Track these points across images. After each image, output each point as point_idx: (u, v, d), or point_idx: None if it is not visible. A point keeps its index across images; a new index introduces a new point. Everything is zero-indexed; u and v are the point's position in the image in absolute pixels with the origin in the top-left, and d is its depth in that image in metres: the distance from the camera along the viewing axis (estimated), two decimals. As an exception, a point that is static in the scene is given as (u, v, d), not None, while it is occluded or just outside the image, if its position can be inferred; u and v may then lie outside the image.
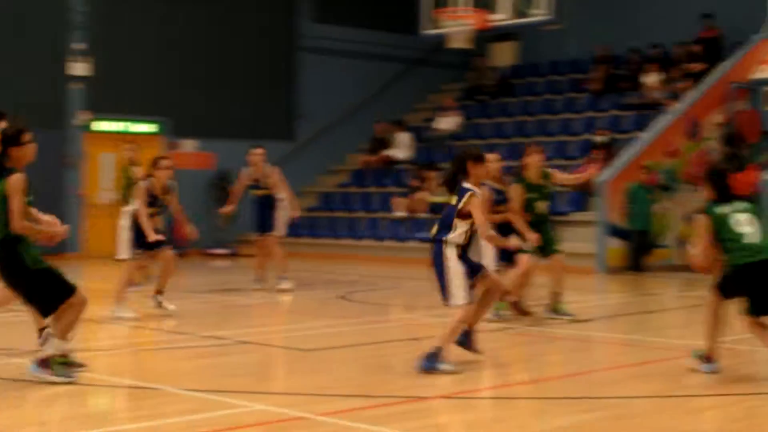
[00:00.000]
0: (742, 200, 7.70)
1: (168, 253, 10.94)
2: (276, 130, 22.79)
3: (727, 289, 7.43)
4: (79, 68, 20.27)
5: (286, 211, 13.70)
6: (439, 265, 7.75)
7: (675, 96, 20.01)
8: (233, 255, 21.44)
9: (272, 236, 13.52)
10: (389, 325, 10.95)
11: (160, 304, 11.10)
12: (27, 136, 7.21)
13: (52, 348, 7.09)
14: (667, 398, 6.95)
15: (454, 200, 7.78)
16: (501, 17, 16.50)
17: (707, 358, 7.50)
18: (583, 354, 9.12)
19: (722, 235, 7.43)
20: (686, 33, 21.41)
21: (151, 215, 10.88)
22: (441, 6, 16.57)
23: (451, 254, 7.69)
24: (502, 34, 23.75)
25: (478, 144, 22.44)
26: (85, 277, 15.00)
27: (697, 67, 20.27)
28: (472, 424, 6.26)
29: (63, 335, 7.12)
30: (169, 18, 21.50)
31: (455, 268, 7.67)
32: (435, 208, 19.81)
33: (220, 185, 21.80)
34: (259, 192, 13.68)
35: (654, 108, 20.28)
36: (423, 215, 19.98)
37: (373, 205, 21.71)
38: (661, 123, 18.57)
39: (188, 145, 21.95)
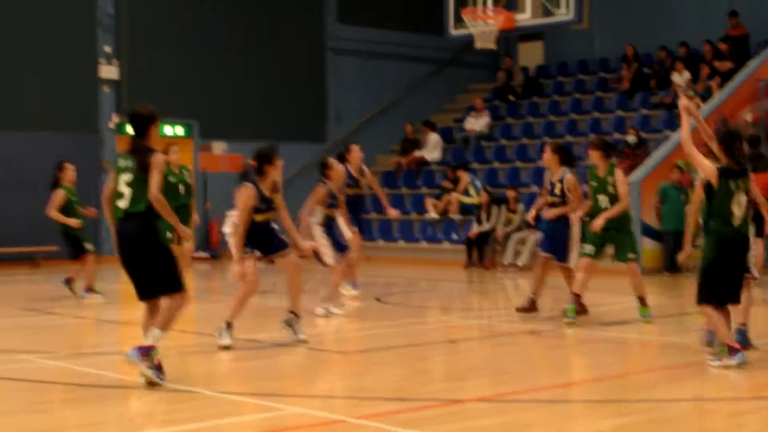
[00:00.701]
0: None
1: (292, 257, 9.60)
2: (306, 132, 22.83)
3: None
4: (110, 72, 20.41)
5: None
6: None
7: (704, 94, 19.89)
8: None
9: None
10: (426, 327, 10.92)
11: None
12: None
13: (152, 338, 7.19)
14: (705, 401, 6.90)
15: None
16: (525, 17, 16.49)
17: (731, 349, 7.51)
18: (620, 357, 9.05)
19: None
20: (714, 31, 21.30)
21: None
22: (466, 6, 16.54)
23: None
24: (530, 34, 23.71)
25: (508, 144, 22.50)
26: (119, 280, 15.04)
27: (725, 65, 20.15)
28: (508, 427, 6.22)
29: (165, 327, 7.28)
30: (197, 21, 21.59)
31: None
32: (466, 208, 19.87)
33: (251, 187, 21.88)
34: (351, 191, 12.82)
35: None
36: (455, 216, 19.98)
37: (406, 207, 21.70)
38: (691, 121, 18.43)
39: (218, 148, 22.01)
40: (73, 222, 12.78)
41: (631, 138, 19.06)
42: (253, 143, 21.47)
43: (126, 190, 7.24)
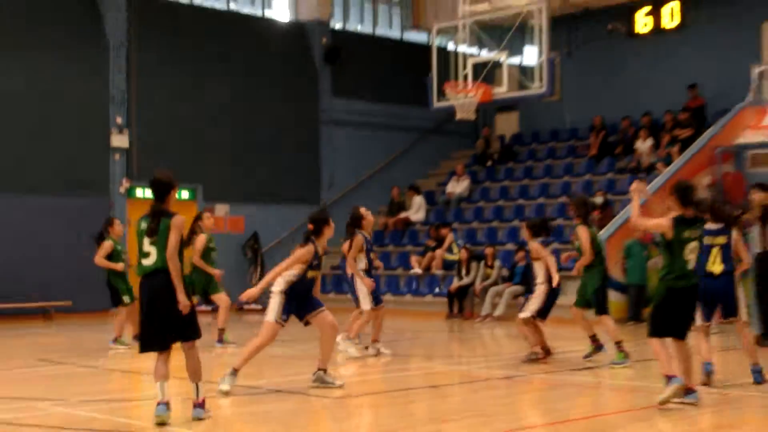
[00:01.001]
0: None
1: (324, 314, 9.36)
2: (301, 195, 22.92)
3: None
4: (121, 140, 20.51)
5: None
6: None
7: (665, 160, 20.08)
8: (265, 309, 21.36)
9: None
10: (410, 374, 10.89)
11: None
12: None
13: (201, 393, 7.62)
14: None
15: None
16: (502, 90, 16.70)
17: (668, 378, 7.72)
18: (592, 399, 9.06)
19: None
20: (674, 102, 21.58)
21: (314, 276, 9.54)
22: (448, 81, 16.76)
23: None
24: (506, 106, 23.96)
25: (486, 206, 22.62)
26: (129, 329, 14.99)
27: (684, 133, 20.35)
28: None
29: (200, 377, 7.64)
30: (201, 95, 21.77)
31: None
32: (447, 264, 19.91)
33: (250, 246, 21.91)
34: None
35: (647, 171, 20.35)
36: (437, 271, 20.02)
37: (392, 263, 21.72)
38: (653, 185, 18.59)
39: (221, 210, 22.06)
40: (119, 266, 12.77)
41: (598, 199, 19.18)
42: (252, 205, 21.86)
43: (151, 249, 7.35)
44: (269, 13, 23.83)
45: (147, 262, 7.38)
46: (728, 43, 21.88)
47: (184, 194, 21.60)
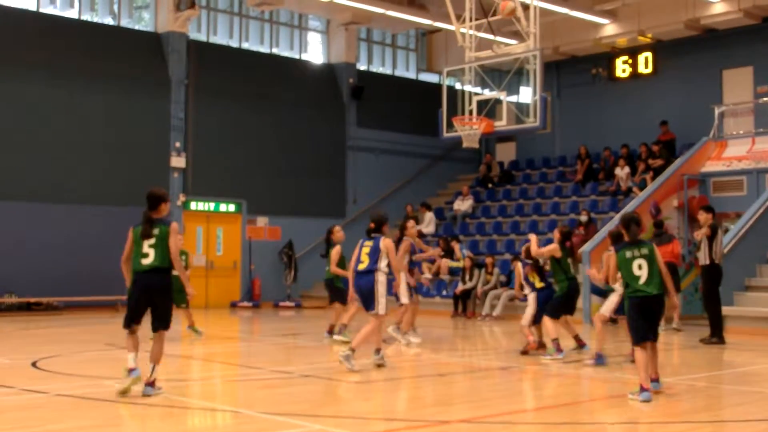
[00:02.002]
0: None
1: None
2: (329, 210, 22.96)
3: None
4: (179, 161, 20.62)
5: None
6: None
7: (640, 185, 19.99)
8: (298, 306, 21.42)
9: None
10: (420, 363, 10.85)
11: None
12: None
13: (156, 373, 7.55)
14: (639, 424, 6.83)
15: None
16: (502, 124, 16.66)
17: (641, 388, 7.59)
18: (573, 388, 8.98)
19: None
20: (648, 136, 21.52)
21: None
22: (456, 115, 16.76)
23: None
24: (505, 137, 23.94)
25: (487, 221, 22.58)
26: (179, 322, 15.04)
27: (657, 162, 20.27)
28: (486, 443, 6.17)
29: (159, 360, 7.66)
30: (246, 123, 21.88)
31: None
32: (453, 271, 19.84)
33: (286, 252, 21.94)
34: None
35: (624, 194, 20.25)
36: (445, 277, 19.96)
37: (405, 269, 21.63)
38: (630, 206, 18.50)
39: (261, 221, 22.14)
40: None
41: (583, 218, 19.11)
42: (288, 218, 21.89)
43: (150, 251, 7.51)
44: (305, 56, 23.92)
45: (146, 261, 7.52)
46: (694, 86, 21.85)
47: (231, 207, 21.68)
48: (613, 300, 10.36)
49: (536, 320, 10.89)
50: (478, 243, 21.53)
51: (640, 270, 7.83)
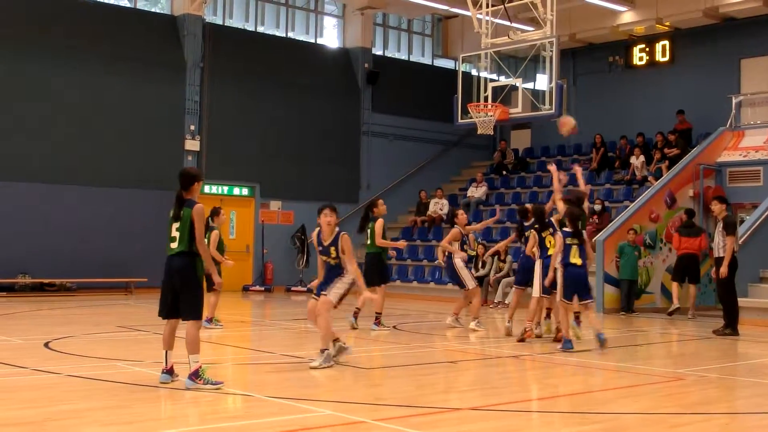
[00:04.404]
0: None
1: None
2: (342, 195, 22.94)
3: None
4: (193, 144, 20.63)
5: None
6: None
7: (656, 174, 19.85)
8: (310, 291, 21.41)
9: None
10: (431, 350, 10.84)
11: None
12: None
13: (195, 362, 7.20)
14: (651, 415, 6.78)
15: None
16: (517, 111, 16.57)
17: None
18: (584, 377, 8.94)
19: None
20: (664, 125, 21.35)
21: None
22: (471, 101, 16.68)
23: None
24: (520, 124, 23.82)
25: (501, 209, 22.48)
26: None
27: (673, 151, 20.12)
28: (496, 431, 6.14)
29: (197, 350, 7.24)
30: (261, 107, 21.87)
31: None
32: (468, 258, 19.76)
33: (298, 237, 21.95)
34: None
35: (639, 183, 20.12)
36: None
37: (419, 255, 21.65)
38: (645, 195, 18.39)
39: (274, 206, 22.15)
40: (218, 256, 11.80)
41: (597, 207, 19.00)
42: (302, 203, 21.90)
43: (176, 234, 7.17)
44: (321, 41, 23.84)
45: (173, 245, 7.17)
46: (711, 75, 21.65)
47: (244, 191, 21.70)
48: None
49: (543, 290, 10.92)
50: (491, 230, 21.45)
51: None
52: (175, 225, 7.19)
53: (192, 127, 20.59)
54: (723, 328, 12.53)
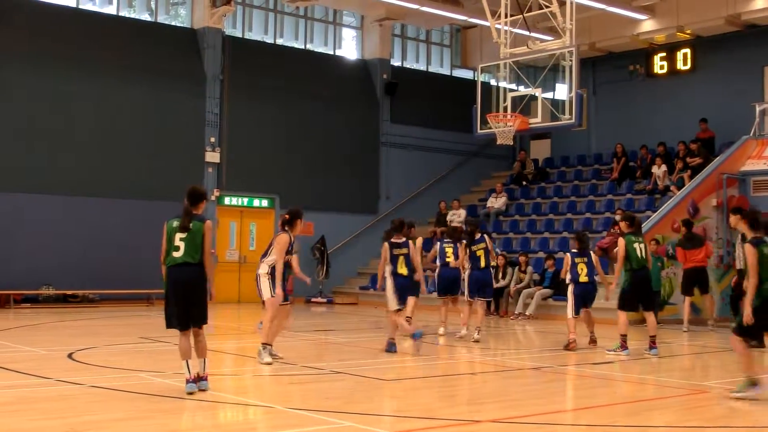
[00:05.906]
0: None
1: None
2: (362, 206, 22.96)
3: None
4: (214, 157, 20.75)
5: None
6: None
7: (678, 183, 19.72)
8: (330, 302, 21.46)
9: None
10: (453, 362, 10.81)
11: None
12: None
13: (207, 368, 7.48)
14: (673, 428, 6.73)
15: None
16: (537, 121, 16.52)
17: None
18: (608, 390, 8.88)
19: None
20: (686, 134, 21.20)
21: None
22: (490, 112, 16.66)
23: None
24: (540, 134, 23.75)
25: (521, 219, 22.44)
26: (216, 317, 15.16)
27: (695, 160, 19.98)
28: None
29: (205, 355, 7.54)
30: (280, 119, 21.95)
31: None
32: (487, 269, 19.66)
33: (318, 248, 21.99)
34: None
35: (661, 193, 19.99)
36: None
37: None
38: (667, 205, 18.27)
39: (294, 217, 22.12)
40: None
41: (618, 217, 18.84)
42: (321, 213, 21.93)
43: (181, 245, 7.50)
44: (339, 53, 23.94)
45: (177, 254, 7.49)
46: (734, 83, 21.48)
47: (264, 202, 21.78)
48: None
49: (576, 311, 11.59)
50: (511, 241, 21.39)
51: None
52: (180, 235, 7.53)
53: (212, 139, 20.72)
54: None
